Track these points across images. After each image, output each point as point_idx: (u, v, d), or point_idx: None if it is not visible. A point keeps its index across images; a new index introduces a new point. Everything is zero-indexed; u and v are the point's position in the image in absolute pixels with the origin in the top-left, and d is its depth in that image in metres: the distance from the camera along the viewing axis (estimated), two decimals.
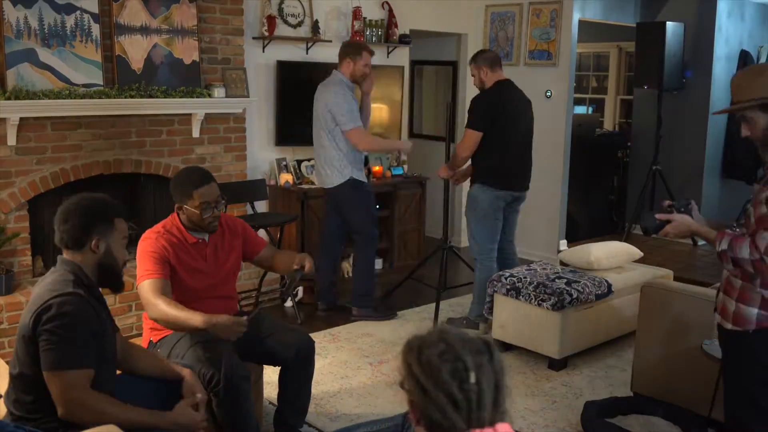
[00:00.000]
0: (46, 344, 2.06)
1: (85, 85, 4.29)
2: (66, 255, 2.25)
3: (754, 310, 2.24)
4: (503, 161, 4.39)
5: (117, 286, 2.35)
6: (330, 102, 4.58)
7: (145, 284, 2.75)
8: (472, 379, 1.32)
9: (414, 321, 4.82)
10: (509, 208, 4.57)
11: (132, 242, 4.73)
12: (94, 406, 2.09)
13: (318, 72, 5.71)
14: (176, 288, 2.82)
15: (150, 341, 2.89)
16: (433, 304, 4.89)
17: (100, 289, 2.31)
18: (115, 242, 2.27)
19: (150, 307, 2.72)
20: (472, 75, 4.53)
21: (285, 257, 3.16)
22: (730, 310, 2.31)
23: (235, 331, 2.62)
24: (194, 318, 2.60)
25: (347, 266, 5.70)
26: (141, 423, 2.18)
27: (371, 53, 4.75)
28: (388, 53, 6.19)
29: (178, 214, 2.91)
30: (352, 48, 4.73)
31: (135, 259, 2.85)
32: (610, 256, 4.48)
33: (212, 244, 2.97)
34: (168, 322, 2.68)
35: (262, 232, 5.35)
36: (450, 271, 5.31)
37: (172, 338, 2.81)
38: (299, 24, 5.60)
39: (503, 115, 4.35)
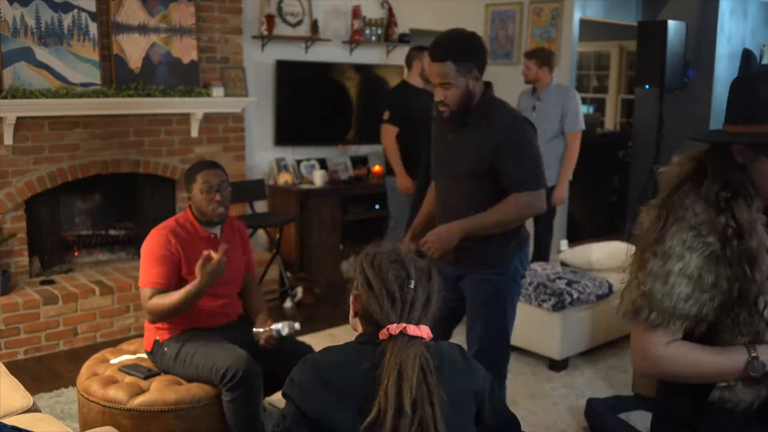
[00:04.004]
0: None
1: (82, 84, 4.26)
2: None
3: None
4: None
5: None
6: None
7: (147, 292, 2.74)
8: (411, 285, 1.58)
9: None
10: None
11: (131, 242, 4.82)
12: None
13: (317, 71, 5.71)
14: (180, 281, 2.78)
15: (156, 341, 2.83)
16: None
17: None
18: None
19: (152, 316, 2.74)
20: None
21: (255, 301, 3.05)
22: None
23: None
24: (192, 287, 2.67)
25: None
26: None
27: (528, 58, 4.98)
28: (388, 52, 6.16)
29: (190, 207, 2.90)
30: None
31: None
32: (611, 256, 4.45)
33: (224, 241, 2.89)
34: (170, 310, 2.71)
35: (261, 233, 5.34)
36: None
37: (180, 338, 2.78)
38: (298, 23, 5.57)
39: None
